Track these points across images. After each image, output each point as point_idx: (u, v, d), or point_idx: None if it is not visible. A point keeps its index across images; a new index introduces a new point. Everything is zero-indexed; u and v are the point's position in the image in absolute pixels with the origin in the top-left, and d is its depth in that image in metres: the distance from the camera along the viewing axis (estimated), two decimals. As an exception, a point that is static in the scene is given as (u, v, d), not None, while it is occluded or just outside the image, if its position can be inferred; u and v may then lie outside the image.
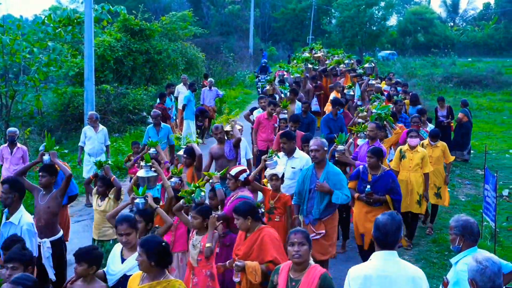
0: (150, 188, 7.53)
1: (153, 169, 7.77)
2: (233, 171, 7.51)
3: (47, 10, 54.20)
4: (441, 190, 10.98)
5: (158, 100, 17.05)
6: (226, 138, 10.08)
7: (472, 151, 17.60)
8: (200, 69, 29.11)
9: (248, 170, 7.70)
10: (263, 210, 7.57)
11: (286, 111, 12.59)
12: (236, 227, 6.46)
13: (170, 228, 6.85)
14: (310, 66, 19.26)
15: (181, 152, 9.68)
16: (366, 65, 17.73)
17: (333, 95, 15.85)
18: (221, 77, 34.76)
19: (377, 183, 8.27)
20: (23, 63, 18.52)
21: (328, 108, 14.99)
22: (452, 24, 75.09)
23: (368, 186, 8.23)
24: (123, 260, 5.85)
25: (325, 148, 7.72)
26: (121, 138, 19.12)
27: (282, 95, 14.67)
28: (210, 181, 7.66)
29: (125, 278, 5.58)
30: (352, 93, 15.33)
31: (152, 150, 9.65)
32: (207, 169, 9.85)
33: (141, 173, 7.78)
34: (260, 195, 8.21)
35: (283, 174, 8.14)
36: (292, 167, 8.89)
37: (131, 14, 25.14)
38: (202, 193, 6.95)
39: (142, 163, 7.89)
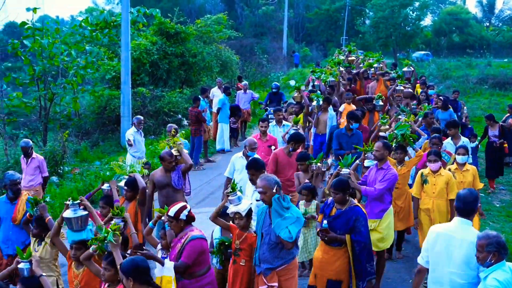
0: (80, 230, 6.40)
1: (81, 207, 6.55)
2: (172, 211, 6.28)
3: (84, 12, 55.17)
4: None
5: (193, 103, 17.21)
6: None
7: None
8: (234, 71, 29.37)
9: (188, 206, 6.46)
10: (230, 250, 6.97)
11: (297, 128, 11.52)
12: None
13: None
14: (342, 69, 18.98)
15: (122, 183, 8.34)
16: (405, 68, 17.07)
17: (343, 107, 14.60)
18: (255, 79, 34.90)
19: (337, 219, 6.98)
20: (61, 66, 18.93)
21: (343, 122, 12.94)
22: (487, 24, 74.06)
23: (325, 222, 7.00)
24: None
25: (273, 187, 6.29)
26: (156, 141, 19.36)
27: (314, 103, 13.63)
28: (163, 218, 6.51)
29: None
30: (381, 103, 14.21)
31: (105, 186, 8.51)
32: (150, 200, 8.99)
33: (68, 213, 6.42)
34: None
35: (250, 210, 6.87)
36: (257, 200, 7.32)
37: (166, 17, 25.54)
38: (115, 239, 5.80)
39: (69, 202, 6.56)
